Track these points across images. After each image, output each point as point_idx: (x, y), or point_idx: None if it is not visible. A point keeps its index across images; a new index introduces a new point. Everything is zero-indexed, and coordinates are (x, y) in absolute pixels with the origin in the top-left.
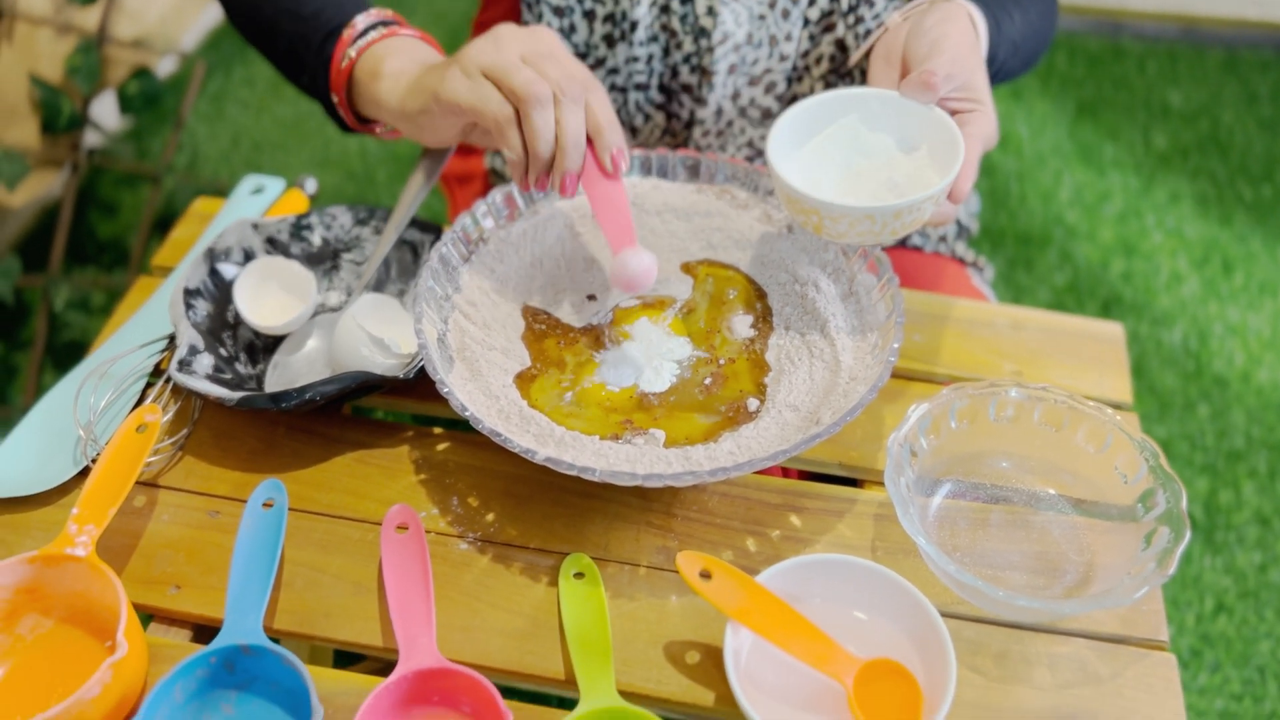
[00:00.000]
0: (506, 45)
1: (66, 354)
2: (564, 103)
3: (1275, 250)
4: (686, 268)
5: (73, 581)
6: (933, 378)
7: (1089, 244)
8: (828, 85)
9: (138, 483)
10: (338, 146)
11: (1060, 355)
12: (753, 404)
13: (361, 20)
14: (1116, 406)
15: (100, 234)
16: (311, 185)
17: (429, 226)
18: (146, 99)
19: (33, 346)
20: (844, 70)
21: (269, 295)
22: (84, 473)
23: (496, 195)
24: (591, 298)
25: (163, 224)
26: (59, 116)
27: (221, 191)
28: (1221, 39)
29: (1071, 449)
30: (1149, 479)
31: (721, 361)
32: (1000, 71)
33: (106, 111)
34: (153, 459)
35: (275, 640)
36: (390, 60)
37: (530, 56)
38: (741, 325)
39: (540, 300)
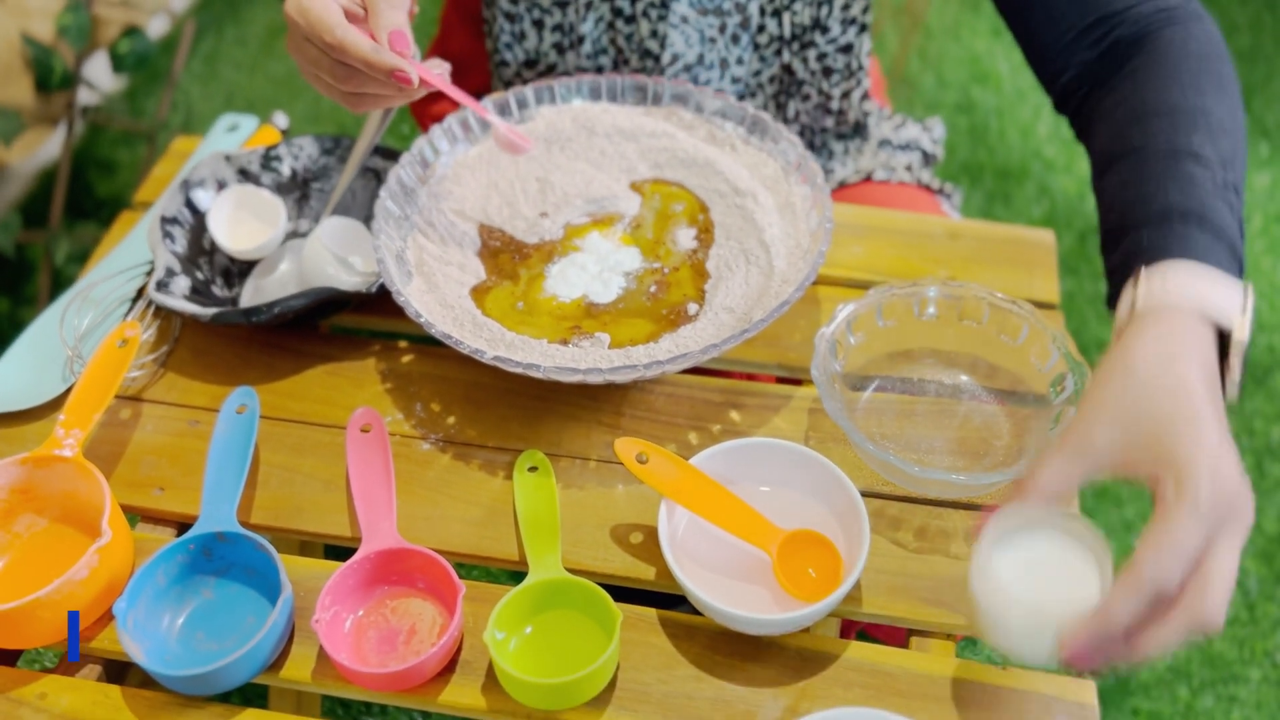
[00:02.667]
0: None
1: None
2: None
3: (1250, 177)
4: (635, 186)
5: (62, 482)
6: (870, 285)
7: (1066, 176)
8: (778, 105)
9: (123, 397)
10: (330, 102)
11: (993, 261)
12: (692, 308)
13: None
14: (1045, 306)
15: (99, 192)
16: (282, 120)
17: (392, 153)
18: (138, 58)
19: (37, 302)
20: (792, 90)
21: (242, 222)
22: (73, 389)
23: (452, 121)
24: (544, 215)
25: None
26: (51, 75)
27: None
28: None
29: (991, 342)
30: (1060, 365)
31: (666, 270)
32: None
33: (100, 71)
34: (136, 374)
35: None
36: None
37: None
38: (685, 237)
39: (496, 218)
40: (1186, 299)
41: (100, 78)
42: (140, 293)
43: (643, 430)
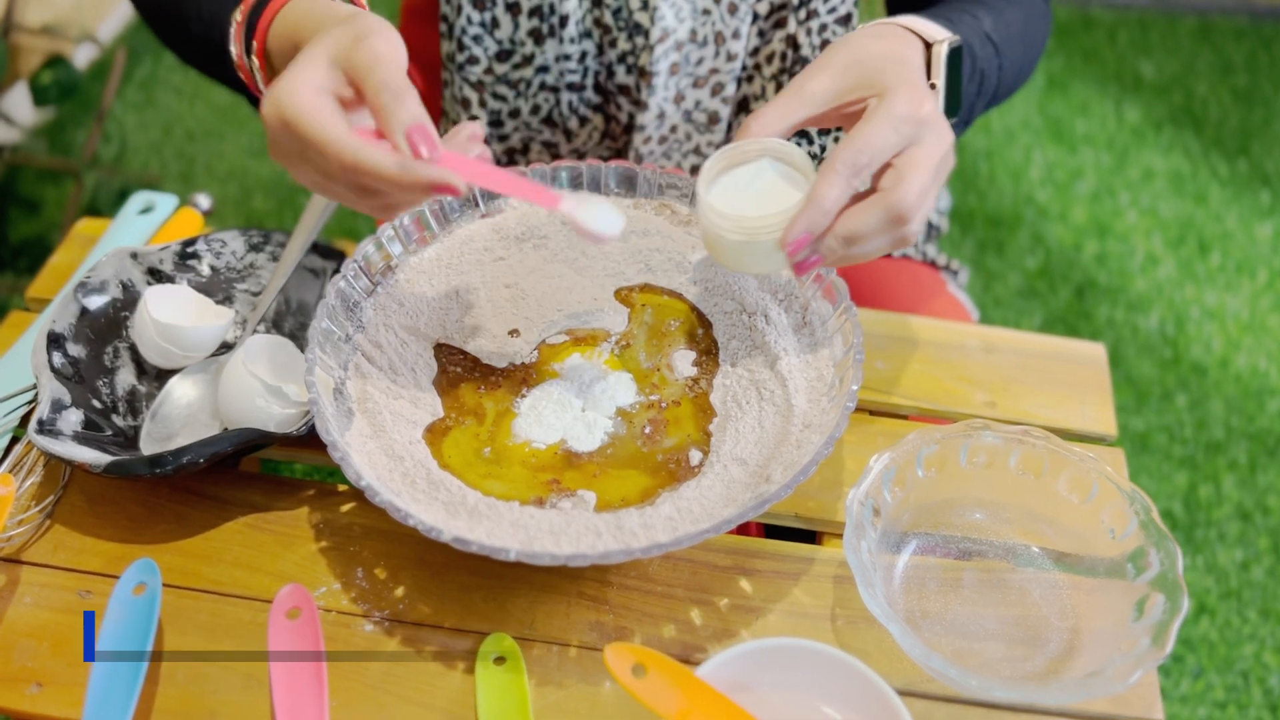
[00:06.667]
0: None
1: None
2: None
3: (1252, 228)
4: (622, 296)
5: None
6: (898, 411)
7: (1061, 225)
8: (779, 86)
9: None
10: None
11: (1036, 382)
12: (695, 456)
13: None
14: (1099, 440)
15: (17, 235)
16: (206, 202)
17: (331, 252)
18: (63, 89)
19: None
20: (795, 69)
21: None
22: None
23: (404, 217)
24: (514, 333)
25: None
26: None
27: (152, 184)
28: (1194, 6)
29: (1052, 498)
30: (1139, 535)
31: (664, 405)
32: (982, 70)
33: (20, 104)
34: (15, 531)
35: None
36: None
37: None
38: (684, 362)
39: (456, 336)
40: (898, 22)
41: (20, 112)
42: (25, 422)
43: (634, 606)
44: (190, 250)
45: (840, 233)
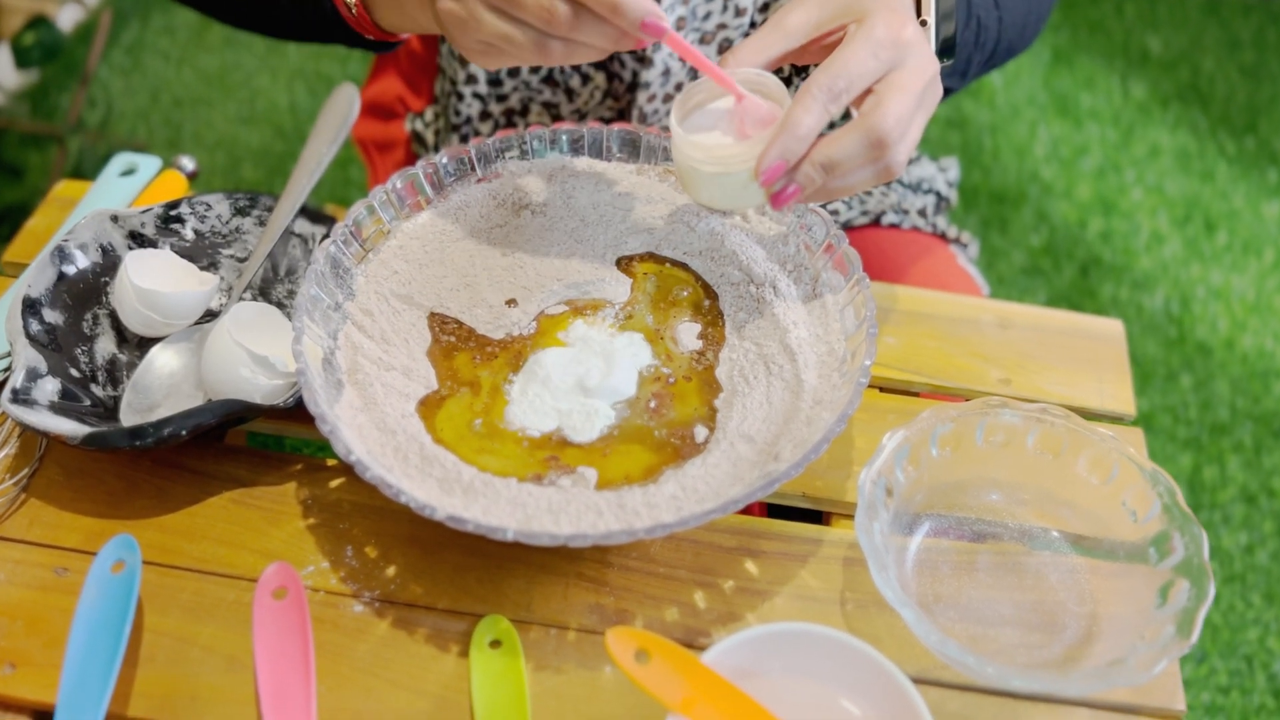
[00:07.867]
0: None
1: None
2: None
3: (1259, 207)
4: (624, 266)
5: None
6: (909, 388)
7: (1066, 202)
8: None
9: None
10: (265, 100)
11: (1053, 359)
12: (701, 433)
13: None
14: (1117, 419)
15: (0, 201)
16: (190, 164)
17: (321, 217)
18: (45, 51)
19: None
20: None
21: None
22: None
23: (397, 180)
24: (511, 302)
25: None
26: None
27: (138, 150)
28: None
29: (1071, 479)
30: (1162, 519)
31: (673, 379)
32: (979, 18)
33: (1, 66)
34: None
35: None
36: None
37: None
38: (688, 334)
39: (451, 305)
40: None
41: (2, 74)
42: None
43: (636, 588)
44: (173, 213)
45: (817, 159)
